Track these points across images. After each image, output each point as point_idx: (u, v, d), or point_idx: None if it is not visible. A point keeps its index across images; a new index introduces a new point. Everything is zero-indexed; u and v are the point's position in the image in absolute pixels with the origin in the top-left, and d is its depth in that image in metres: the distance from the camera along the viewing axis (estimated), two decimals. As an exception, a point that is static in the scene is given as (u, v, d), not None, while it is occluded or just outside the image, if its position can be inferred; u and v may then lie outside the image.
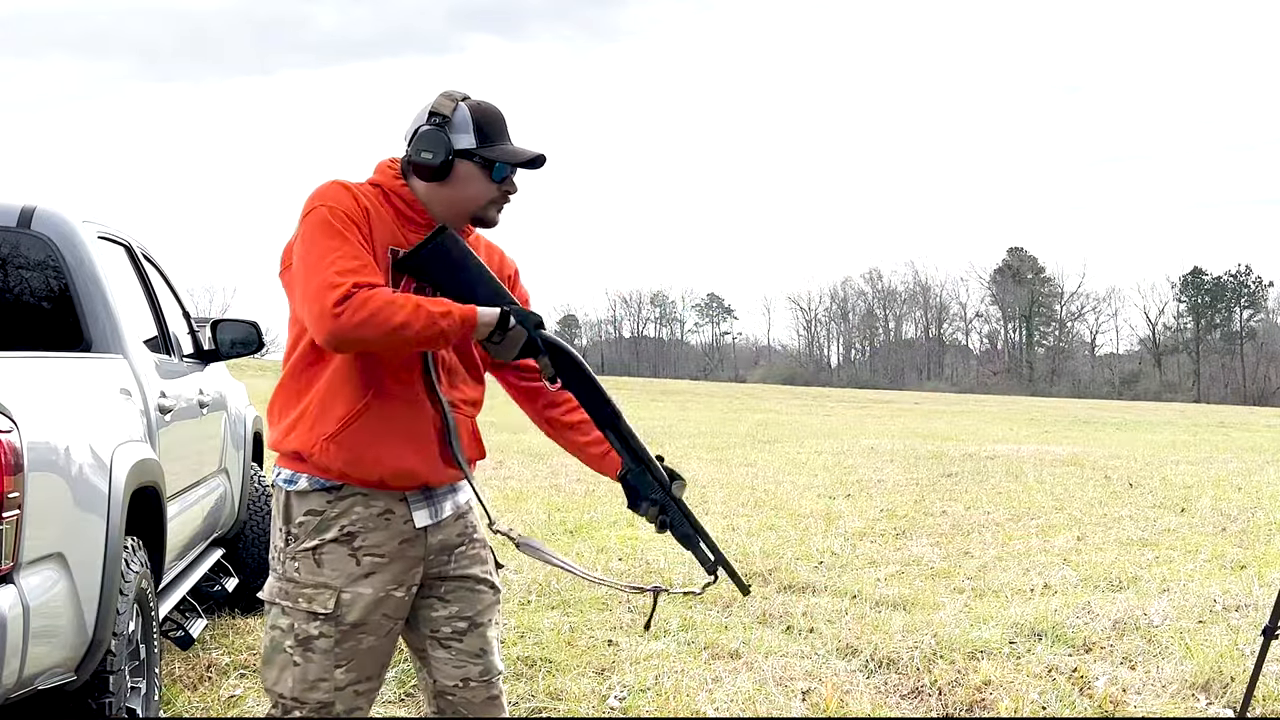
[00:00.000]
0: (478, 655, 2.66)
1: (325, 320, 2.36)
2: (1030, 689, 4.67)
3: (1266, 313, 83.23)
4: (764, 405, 38.61)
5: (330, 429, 2.50)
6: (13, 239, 3.92)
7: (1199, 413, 43.43)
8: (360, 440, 2.50)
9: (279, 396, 2.60)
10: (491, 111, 2.60)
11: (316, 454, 2.51)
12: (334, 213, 2.46)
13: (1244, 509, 10.55)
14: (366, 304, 2.35)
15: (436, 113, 2.56)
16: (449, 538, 2.65)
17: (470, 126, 2.56)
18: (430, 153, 2.54)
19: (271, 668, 2.56)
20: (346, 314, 2.35)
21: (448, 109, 2.56)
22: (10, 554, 2.75)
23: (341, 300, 2.35)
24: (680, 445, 18.16)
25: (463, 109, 2.57)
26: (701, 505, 10.42)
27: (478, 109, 2.58)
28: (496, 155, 2.56)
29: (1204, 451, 19.15)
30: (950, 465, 15.00)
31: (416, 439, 2.55)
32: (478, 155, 2.56)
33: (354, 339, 2.38)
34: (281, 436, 2.57)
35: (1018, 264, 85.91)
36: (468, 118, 2.56)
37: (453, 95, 2.59)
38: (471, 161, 2.56)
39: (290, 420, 2.56)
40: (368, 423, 2.50)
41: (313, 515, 2.54)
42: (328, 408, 2.51)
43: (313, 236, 2.45)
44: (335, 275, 2.38)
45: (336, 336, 2.37)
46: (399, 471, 2.53)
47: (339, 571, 2.53)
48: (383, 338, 2.38)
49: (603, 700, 4.56)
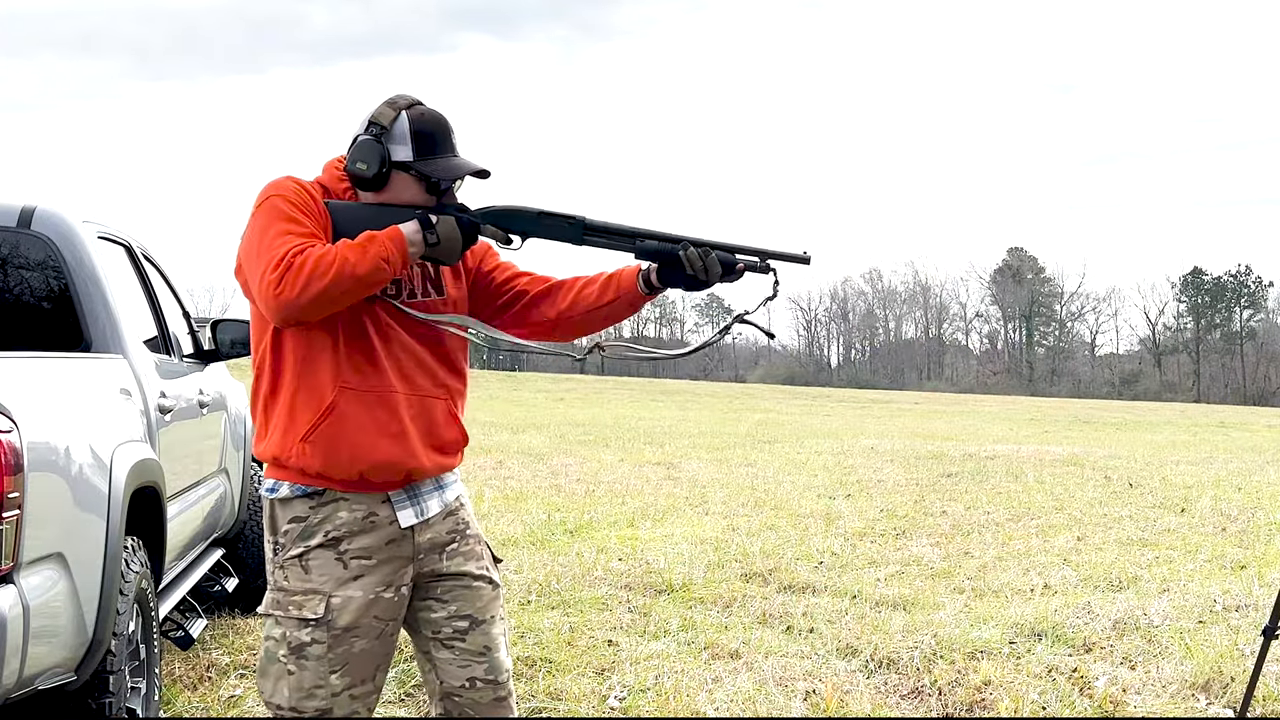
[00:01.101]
0: (482, 654, 2.64)
1: (270, 300, 2.37)
2: (1030, 689, 4.67)
3: (1266, 313, 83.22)
4: (764, 405, 38.60)
5: (303, 430, 2.50)
6: (13, 239, 3.92)
7: (1199, 413, 43.41)
8: (334, 438, 2.49)
9: (254, 404, 2.61)
10: (433, 122, 2.55)
11: (294, 457, 2.50)
12: (285, 201, 2.46)
13: (1244, 509, 10.54)
14: (303, 268, 2.35)
15: (375, 122, 2.54)
16: (438, 535, 2.64)
17: (408, 138, 2.53)
18: (365, 164, 2.53)
19: (267, 679, 2.55)
20: (287, 285, 2.35)
21: (387, 119, 2.53)
22: (10, 554, 2.75)
23: (281, 275, 2.35)
24: (680, 445, 18.15)
25: (403, 119, 2.53)
26: (701, 505, 10.42)
27: (419, 119, 2.54)
28: (431, 170, 2.54)
29: (1204, 451, 19.14)
30: (950, 465, 15.00)
31: (391, 430, 2.53)
32: (414, 169, 2.53)
33: (302, 304, 2.36)
34: (260, 443, 2.58)
35: (1018, 264, 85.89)
36: (406, 129, 2.53)
37: (395, 103, 2.56)
38: (408, 174, 2.54)
39: (266, 426, 2.56)
40: (339, 419, 2.49)
41: (297, 522, 2.54)
42: (297, 410, 2.51)
43: (260, 226, 2.44)
44: (275, 254, 2.37)
45: (286, 309, 2.37)
46: (378, 464, 2.52)
47: (327, 576, 2.52)
48: (329, 289, 2.36)
49: (603, 700, 4.56)
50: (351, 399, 2.50)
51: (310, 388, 2.50)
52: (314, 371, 2.50)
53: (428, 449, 2.58)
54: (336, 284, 2.36)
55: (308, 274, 2.34)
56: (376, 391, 2.53)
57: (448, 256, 2.54)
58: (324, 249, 2.39)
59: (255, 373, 2.59)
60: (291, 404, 2.51)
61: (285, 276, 2.35)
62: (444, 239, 2.50)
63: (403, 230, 2.46)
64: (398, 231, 2.46)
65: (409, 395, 2.56)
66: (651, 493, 11.31)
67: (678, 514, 9.85)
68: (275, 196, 2.48)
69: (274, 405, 2.54)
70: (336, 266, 2.36)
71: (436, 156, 2.55)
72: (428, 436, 2.59)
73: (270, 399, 2.55)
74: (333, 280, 2.36)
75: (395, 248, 2.43)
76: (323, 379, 2.50)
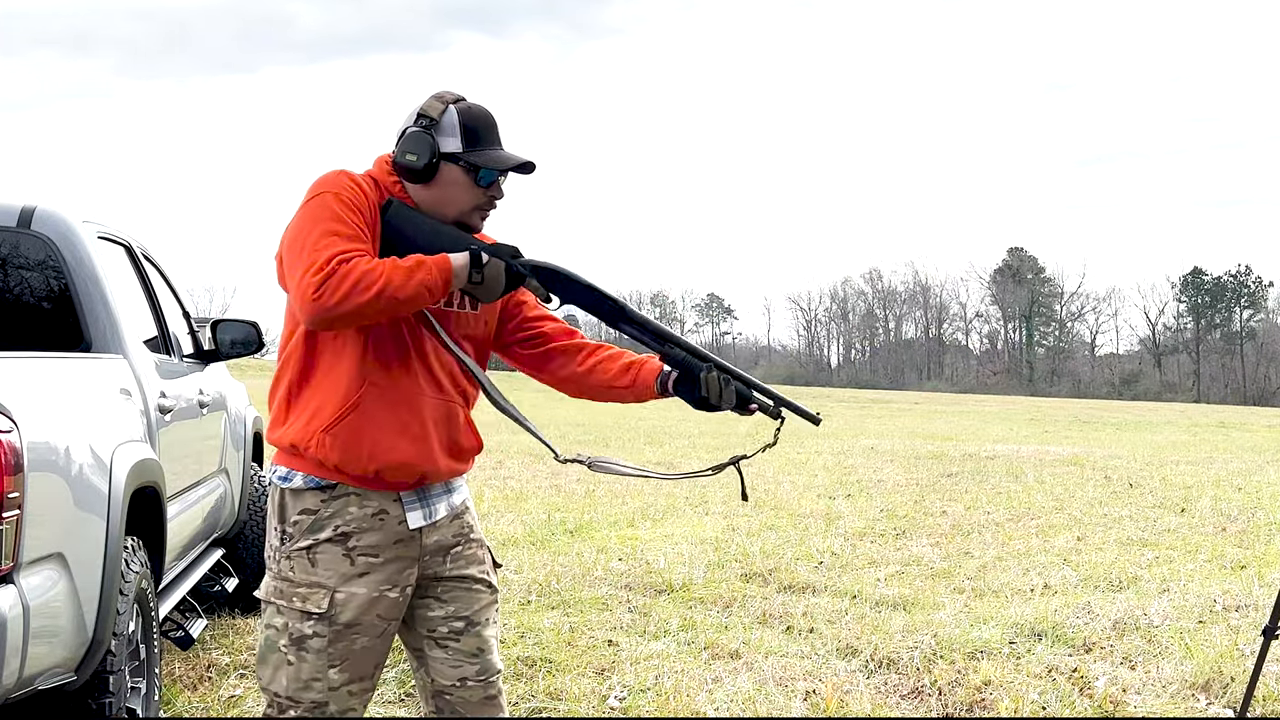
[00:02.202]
0: (474, 655, 2.65)
1: (306, 304, 2.35)
2: (1030, 689, 4.67)
3: (1266, 313, 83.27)
4: (764, 405, 38.50)
5: (326, 421, 2.49)
6: (13, 239, 3.92)
7: (1199, 413, 43.42)
8: (355, 433, 2.49)
9: (276, 390, 2.60)
10: (481, 115, 2.57)
11: (313, 447, 2.50)
12: (338, 199, 2.45)
13: (1244, 509, 10.54)
14: (346, 278, 2.34)
15: (424, 115, 2.54)
16: (445, 538, 2.65)
17: (458, 130, 2.53)
18: (415, 155, 2.53)
19: (266, 666, 2.56)
20: (327, 293, 2.33)
21: (436, 111, 2.54)
22: (10, 554, 2.75)
23: (322, 280, 2.33)
24: (680, 445, 18.16)
25: (451, 112, 2.54)
26: (701, 505, 10.42)
27: (467, 112, 2.55)
28: (482, 160, 2.54)
29: (1204, 451, 19.15)
30: (950, 465, 15.00)
31: (412, 431, 2.53)
32: (463, 159, 2.54)
33: (338, 315, 2.36)
34: (279, 429, 2.57)
35: (1018, 264, 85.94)
36: (455, 121, 2.54)
37: (443, 97, 2.57)
38: (457, 165, 2.54)
39: (287, 414, 2.56)
40: (363, 415, 2.50)
41: (307, 514, 2.54)
42: (323, 401, 2.51)
43: (308, 221, 2.43)
44: (319, 257, 2.36)
45: (320, 316, 2.36)
46: (394, 464, 2.52)
47: (333, 571, 2.52)
48: (367, 306, 2.35)
49: (603, 700, 4.56)
50: (377, 397, 2.51)
51: (337, 381, 2.50)
52: (343, 365, 2.50)
53: (445, 454, 2.59)
54: (375, 302, 2.36)
55: (350, 285, 2.34)
56: (403, 392, 2.53)
57: (486, 296, 2.56)
58: (371, 263, 2.38)
59: (282, 360, 2.58)
60: (317, 394, 2.51)
61: (327, 283, 2.33)
62: (488, 280, 2.51)
63: (452, 261, 2.46)
64: (446, 261, 2.45)
65: (434, 399, 2.57)
66: (651, 493, 11.31)
67: (678, 514, 9.85)
68: (328, 193, 2.46)
69: (299, 394, 2.54)
70: (380, 285, 2.35)
71: (484, 148, 2.55)
72: (447, 441, 2.60)
73: (295, 387, 2.55)
74: (373, 298, 2.35)
75: (440, 277, 2.43)
76: (351, 374, 2.50)
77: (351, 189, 2.49)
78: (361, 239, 2.44)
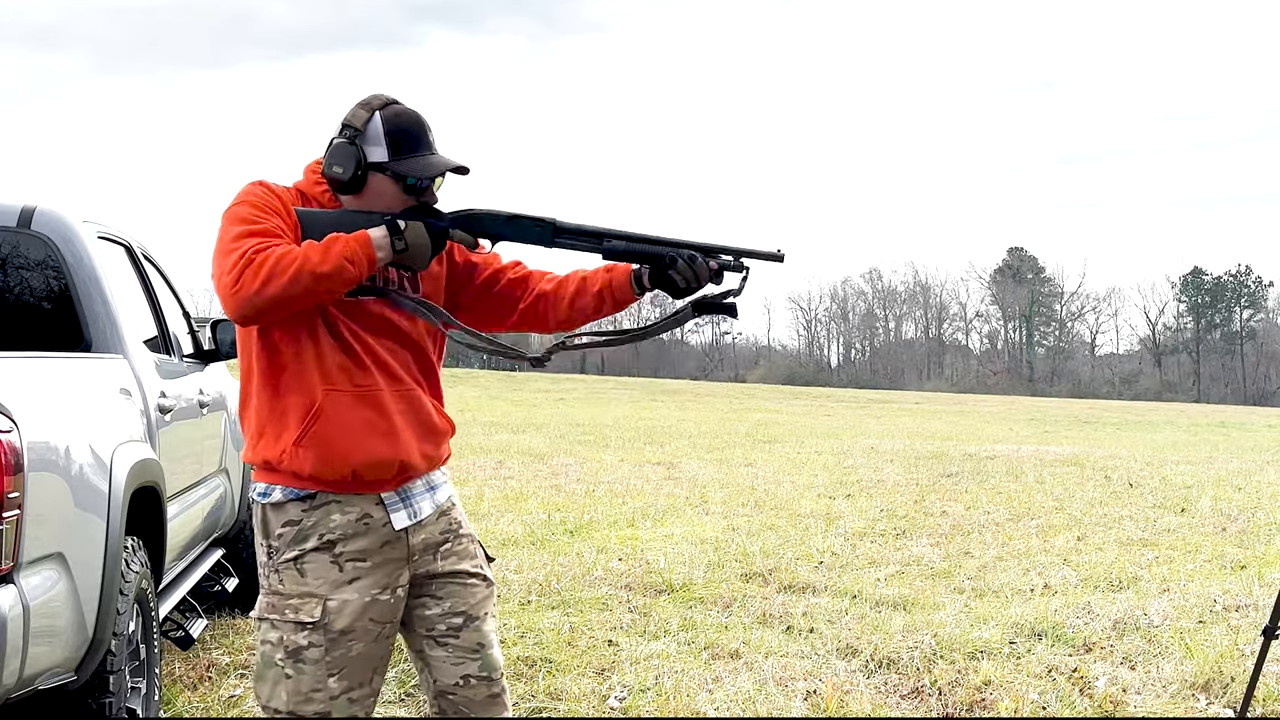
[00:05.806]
0: (475, 650, 2.64)
1: (229, 298, 2.35)
2: (1030, 689, 4.67)
3: (1266, 313, 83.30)
4: (764, 405, 38.60)
5: (295, 434, 2.50)
6: (13, 239, 3.92)
7: (1199, 413, 43.42)
8: (325, 440, 2.49)
9: (243, 410, 2.61)
10: (409, 120, 2.55)
11: (286, 460, 2.51)
12: (251, 205, 2.46)
13: (1244, 509, 10.54)
14: (263, 265, 2.34)
15: (349, 125, 2.54)
16: (432, 536, 2.65)
17: (383, 139, 2.52)
18: (340, 167, 2.53)
19: (265, 683, 2.54)
20: (245, 282, 2.33)
21: (360, 121, 2.53)
22: (10, 554, 2.75)
23: (240, 271, 2.33)
24: (680, 445, 18.15)
25: (376, 120, 2.53)
26: (701, 505, 10.42)
27: (393, 119, 2.54)
28: (407, 170, 2.53)
29: (1204, 451, 19.15)
30: (950, 465, 15.00)
31: (380, 428, 2.54)
32: (390, 169, 2.53)
33: (262, 302, 2.35)
34: (251, 448, 2.58)
35: (1018, 264, 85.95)
36: (380, 130, 2.53)
37: (369, 104, 2.56)
38: (384, 175, 2.54)
39: (255, 431, 2.57)
40: (328, 422, 2.50)
41: (290, 526, 2.54)
42: (285, 414, 2.51)
43: (224, 230, 2.44)
44: (235, 253, 2.36)
45: (244, 308, 2.36)
46: (369, 462, 2.52)
47: (323, 579, 2.52)
48: (289, 286, 2.35)
49: (603, 700, 4.56)
50: (338, 400, 2.51)
51: (298, 391, 2.51)
52: (301, 375, 2.51)
53: (417, 440, 2.59)
54: (296, 281, 2.35)
55: (268, 270, 2.33)
56: (362, 391, 2.53)
57: (416, 262, 2.54)
58: (287, 247, 2.39)
59: (243, 379, 2.60)
60: (281, 409, 2.52)
61: (245, 272, 2.33)
62: (412, 245, 2.50)
63: (370, 234, 2.46)
64: (364, 235, 2.45)
65: (394, 391, 2.57)
66: (651, 493, 11.31)
67: (678, 514, 9.85)
68: (241, 203, 2.48)
69: (264, 411, 2.55)
70: (298, 264, 2.35)
71: (412, 155, 2.54)
72: (417, 428, 2.60)
73: (260, 404, 2.55)
74: (292, 277, 2.34)
75: (361, 250, 2.42)
76: (310, 382, 2.50)
77: (265, 194, 2.50)
78: (278, 234, 2.44)
